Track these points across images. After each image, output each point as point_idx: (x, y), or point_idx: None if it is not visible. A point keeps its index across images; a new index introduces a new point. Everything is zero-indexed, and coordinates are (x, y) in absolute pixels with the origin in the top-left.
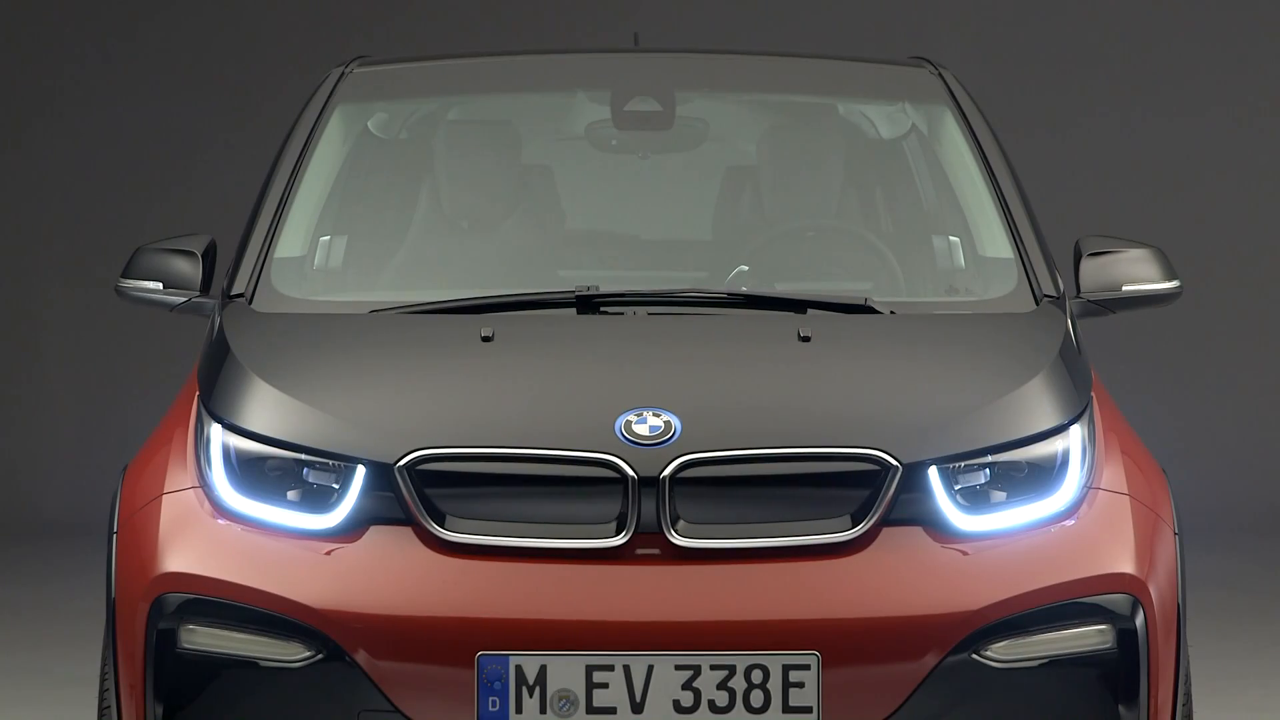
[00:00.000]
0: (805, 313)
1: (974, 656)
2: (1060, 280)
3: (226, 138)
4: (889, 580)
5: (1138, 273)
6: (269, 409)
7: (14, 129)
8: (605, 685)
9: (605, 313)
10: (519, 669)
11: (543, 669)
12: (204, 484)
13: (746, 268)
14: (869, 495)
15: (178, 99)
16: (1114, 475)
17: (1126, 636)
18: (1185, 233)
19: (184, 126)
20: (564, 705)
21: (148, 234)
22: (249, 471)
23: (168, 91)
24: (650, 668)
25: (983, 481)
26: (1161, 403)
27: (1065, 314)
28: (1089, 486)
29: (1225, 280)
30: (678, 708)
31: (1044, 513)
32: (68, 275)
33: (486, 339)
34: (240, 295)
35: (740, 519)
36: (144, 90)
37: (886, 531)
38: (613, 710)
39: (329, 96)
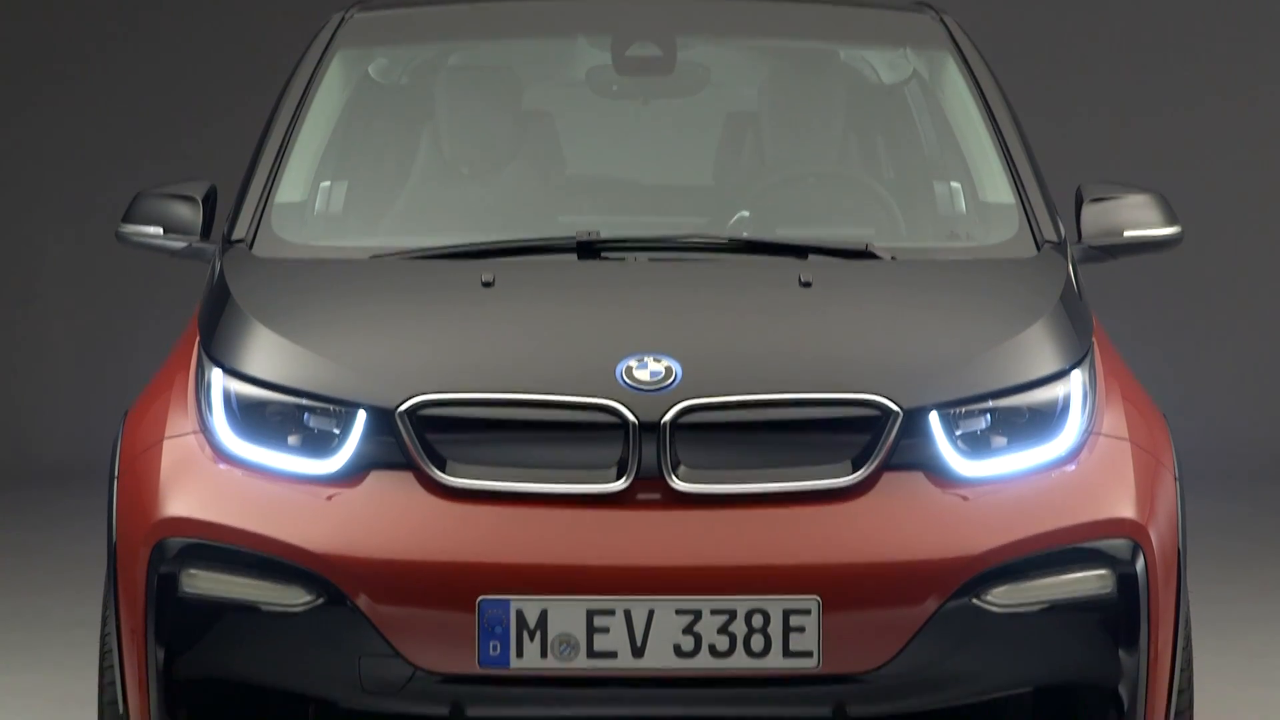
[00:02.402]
0: (806, 258)
1: (974, 601)
2: (1061, 226)
3: (227, 82)
4: (889, 525)
5: (1139, 218)
6: (270, 354)
7: (13, 76)
8: (606, 630)
9: (606, 258)
10: (520, 613)
11: (543, 613)
12: (205, 429)
13: (747, 213)
14: (870, 440)
15: (178, 44)
16: (1115, 420)
17: (1127, 581)
18: (1186, 178)
19: (184, 71)
20: (565, 649)
21: (148, 179)
22: (250, 416)
23: (168, 37)
24: (651, 612)
25: (983, 427)
26: (1162, 348)
27: (1066, 259)
28: (1090, 432)
29: (1226, 226)
30: (678, 652)
31: (1045, 458)
32: (68, 221)
33: (487, 284)
34: (241, 241)
35: (741, 464)
36: (144, 35)
37: (887, 476)
38: (613, 654)
39: (329, 42)
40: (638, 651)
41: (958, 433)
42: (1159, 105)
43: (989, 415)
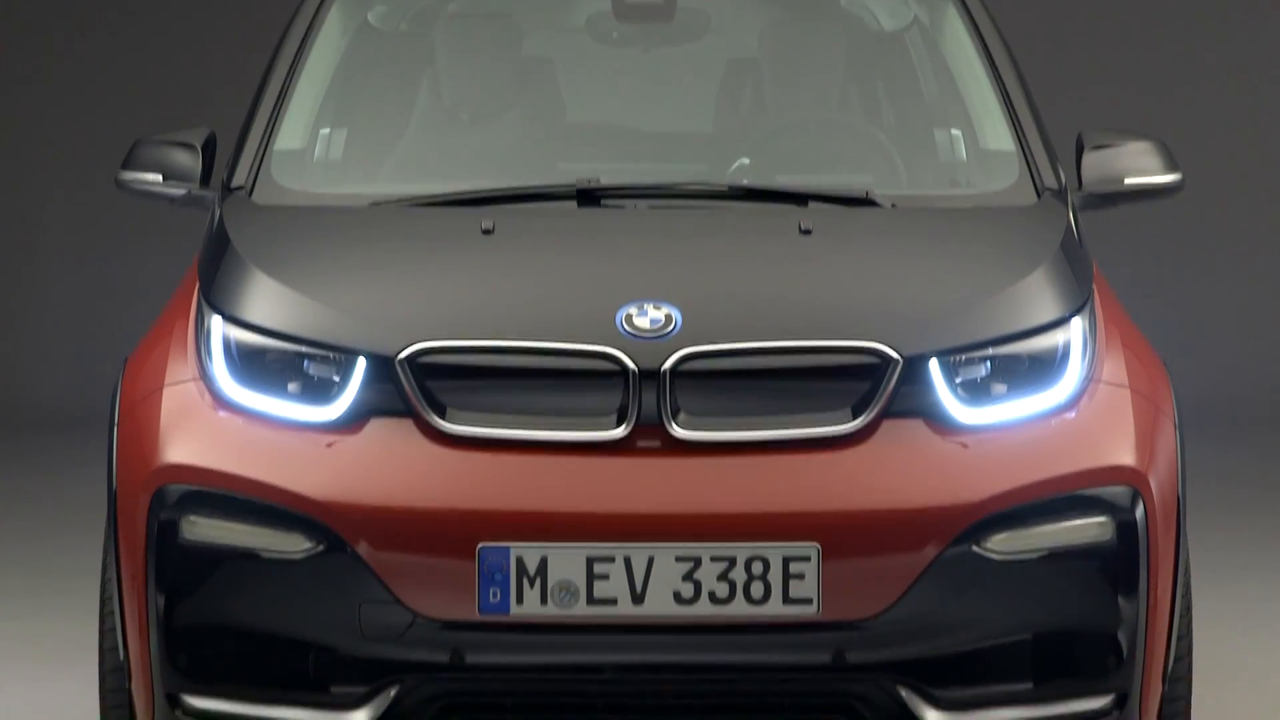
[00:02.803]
0: (806, 206)
1: (974, 549)
2: (1062, 173)
3: (226, 29)
4: (889, 472)
5: (1139, 165)
6: (269, 301)
7: (12, 24)
8: (606, 576)
9: (606, 205)
10: (520, 560)
11: (543, 560)
12: (204, 376)
13: (748, 160)
14: (870, 388)
15: None
16: (1114, 368)
17: (1126, 529)
18: (1186, 126)
19: (183, 18)
20: (565, 596)
21: (147, 127)
22: (249, 363)
23: None
24: (651, 559)
25: (983, 374)
26: (1162, 295)
27: (1067, 207)
28: (1090, 379)
29: (1227, 173)
30: (678, 599)
31: (1044, 405)
32: (68, 168)
33: (487, 232)
34: (240, 188)
35: (741, 411)
36: None
37: (887, 424)
38: (613, 601)
39: None
40: (637, 598)
41: (958, 380)
42: (1160, 52)
43: (989, 363)
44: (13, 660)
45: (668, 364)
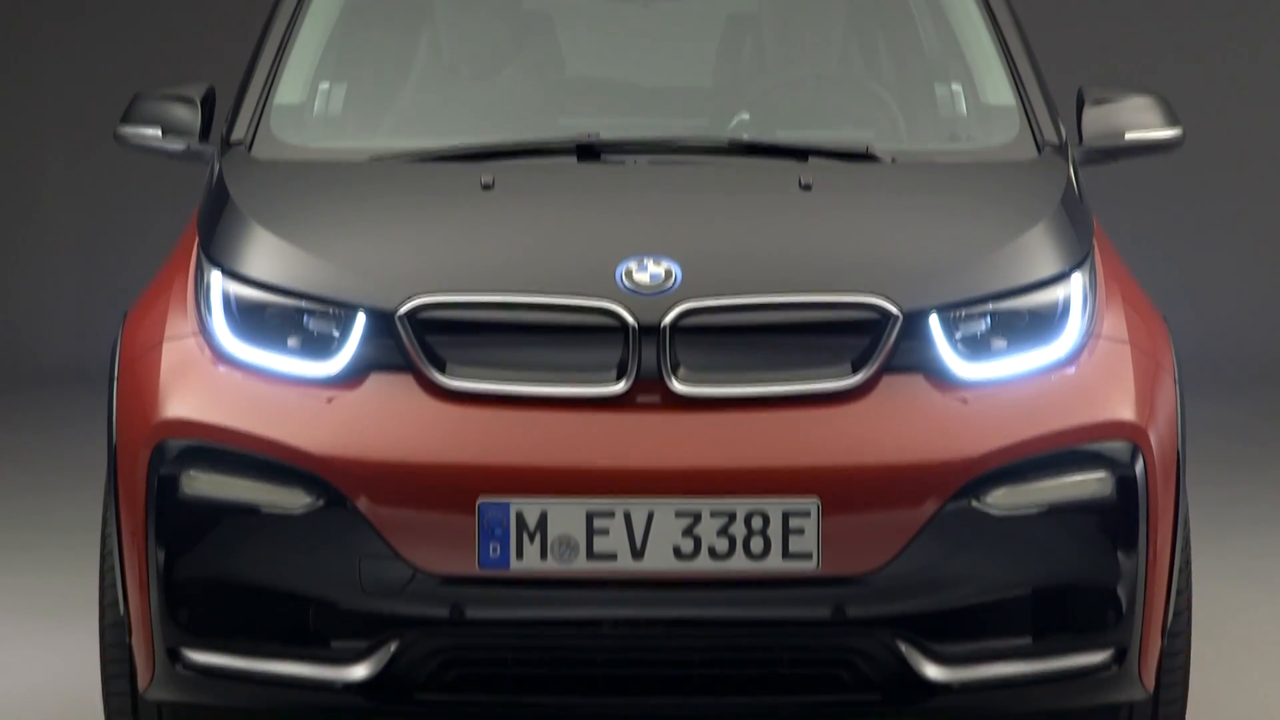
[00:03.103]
0: (806, 161)
1: (973, 504)
2: (1062, 128)
3: None
4: (889, 427)
5: (1139, 120)
6: (269, 256)
7: None
8: (605, 531)
9: (605, 160)
10: (520, 515)
11: (543, 515)
12: (204, 331)
13: (747, 115)
14: (870, 343)
15: None
16: (1115, 323)
17: (1126, 483)
18: (1187, 81)
19: None
20: (564, 551)
21: (147, 81)
22: (249, 318)
23: None
24: (650, 514)
25: (983, 329)
26: (1163, 250)
27: (1067, 161)
28: (1090, 334)
29: (1227, 128)
30: (678, 554)
31: (1044, 360)
32: (67, 123)
33: (486, 186)
34: (239, 142)
35: (741, 366)
36: None
37: (887, 379)
38: (613, 556)
39: None
40: (637, 553)
41: (957, 335)
42: (1161, 6)
43: (989, 318)
44: (13, 615)
45: (668, 319)
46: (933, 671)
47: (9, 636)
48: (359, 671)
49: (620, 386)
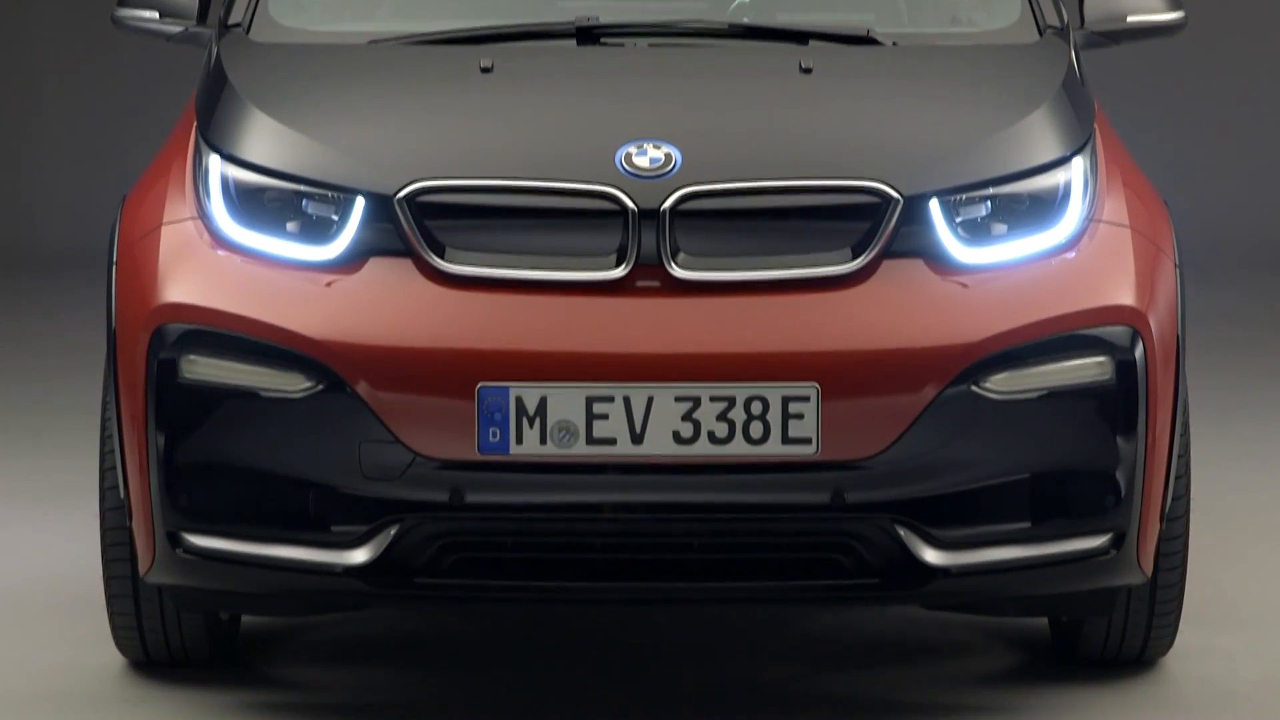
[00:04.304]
0: (807, 44)
1: (973, 388)
2: (1064, 11)
3: None
4: (889, 312)
5: (1142, 3)
6: (267, 140)
7: None
8: (605, 416)
9: (605, 44)
10: (519, 400)
11: (543, 400)
12: (203, 215)
13: None
14: (870, 227)
15: None
16: (1115, 208)
17: (1125, 368)
18: None
19: None
20: (564, 436)
21: None
22: (248, 202)
23: None
24: (650, 399)
25: (984, 214)
26: (1165, 135)
27: (1069, 45)
28: (1090, 219)
29: (1230, 11)
30: (677, 439)
31: (1045, 245)
32: (65, 5)
33: (486, 70)
34: (238, 25)
35: (740, 251)
36: None
37: (887, 264)
38: (612, 441)
39: None
40: (637, 438)
41: (958, 220)
42: None
43: (989, 202)
44: (14, 499)
45: (667, 203)
46: (931, 556)
47: (10, 521)
48: (359, 556)
49: (620, 271)
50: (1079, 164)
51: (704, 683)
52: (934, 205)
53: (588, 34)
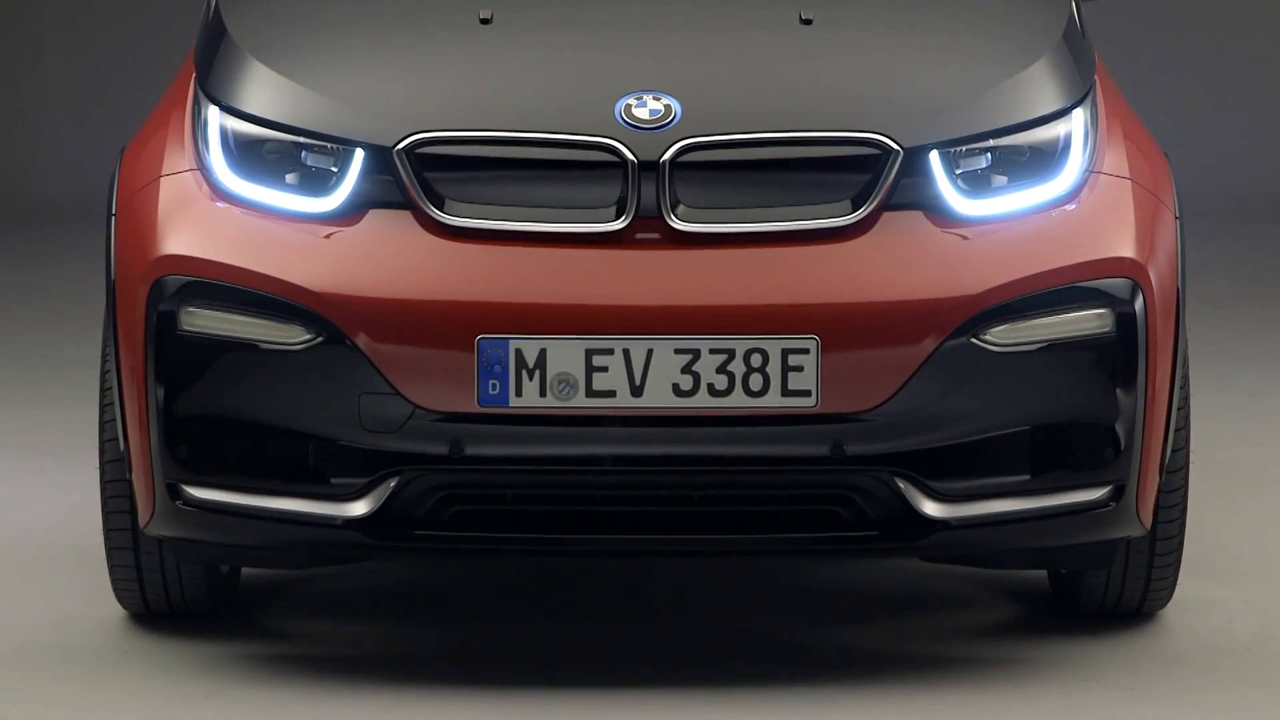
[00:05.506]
0: None
1: (973, 340)
2: None
3: None
4: (889, 264)
5: None
6: (266, 91)
7: None
8: (605, 369)
9: None
10: (519, 352)
11: (542, 352)
12: (202, 166)
13: None
14: (870, 179)
15: None
16: (1115, 159)
17: (1125, 320)
18: None
19: None
20: (563, 388)
21: None
22: (247, 154)
23: None
24: (650, 351)
25: (984, 166)
26: (1165, 87)
27: None
28: (1090, 170)
29: None
30: (677, 391)
31: (1045, 197)
32: None
33: (485, 21)
34: None
35: (740, 203)
36: None
37: (887, 216)
38: (612, 394)
39: None
40: (636, 390)
41: (958, 172)
42: None
43: (989, 154)
44: (14, 451)
45: (667, 155)
46: (931, 508)
47: (11, 472)
48: (358, 508)
49: (619, 223)
50: (1079, 116)
51: (702, 635)
52: (934, 157)
53: None
